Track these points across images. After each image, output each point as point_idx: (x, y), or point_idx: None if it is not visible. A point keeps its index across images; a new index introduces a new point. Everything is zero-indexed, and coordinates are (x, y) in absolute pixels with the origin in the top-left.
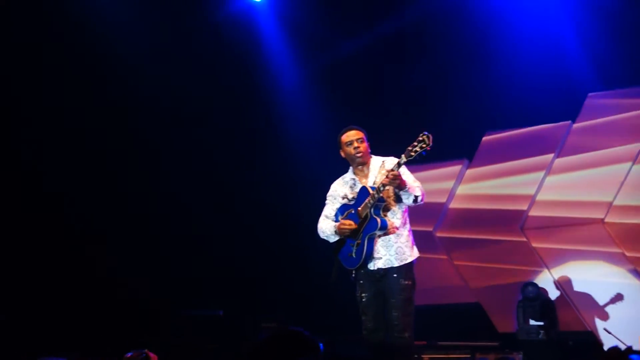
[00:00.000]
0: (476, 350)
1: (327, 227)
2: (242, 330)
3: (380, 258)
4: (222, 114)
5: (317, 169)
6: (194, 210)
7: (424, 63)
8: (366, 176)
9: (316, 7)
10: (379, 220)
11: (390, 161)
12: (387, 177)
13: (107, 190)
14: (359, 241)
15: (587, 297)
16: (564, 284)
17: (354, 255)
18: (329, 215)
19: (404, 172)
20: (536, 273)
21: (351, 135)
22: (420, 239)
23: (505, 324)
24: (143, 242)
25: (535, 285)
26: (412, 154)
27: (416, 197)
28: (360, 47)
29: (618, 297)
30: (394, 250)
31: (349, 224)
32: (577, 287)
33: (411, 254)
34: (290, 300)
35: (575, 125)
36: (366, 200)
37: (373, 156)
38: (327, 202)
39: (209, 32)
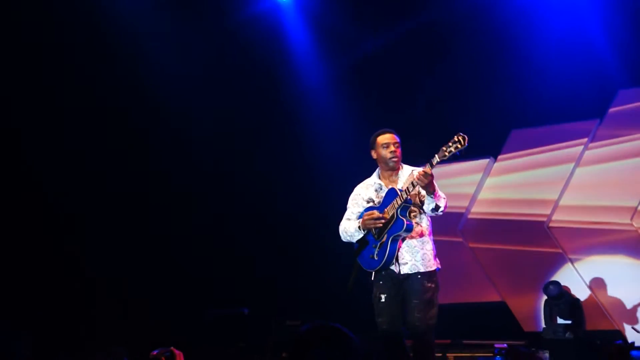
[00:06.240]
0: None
1: (350, 225)
2: (267, 329)
3: (406, 263)
4: (247, 114)
5: (340, 171)
6: (219, 212)
7: (450, 60)
8: (393, 183)
9: (343, 5)
10: (405, 221)
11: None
12: (418, 175)
13: (131, 192)
14: (382, 241)
15: (613, 295)
16: (591, 282)
17: (375, 257)
18: (350, 217)
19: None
20: (562, 270)
21: (389, 138)
22: (445, 235)
23: (531, 322)
24: (168, 244)
25: (557, 283)
26: (447, 154)
27: (438, 206)
28: (387, 45)
29: None
30: (419, 256)
31: (376, 217)
32: (603, 283)
33: (435, 262)
34: (313, 299)
35: (603, 122)
36: (394, 201)
37: (403, 164)
38: (349, 205)
39: (235, 32)
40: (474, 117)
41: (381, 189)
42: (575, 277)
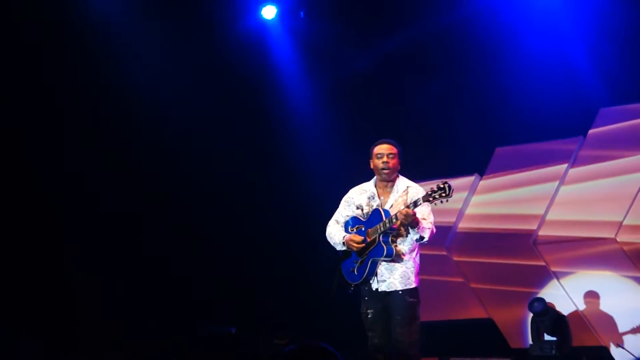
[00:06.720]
0: None
1: (336, 234)
2: (254, 347)
3: (384, 281)
4: (234, 131)
5: (327, 188)
6: (206, 229)
7: (435, 79)
8: (387, 194)
9: (328, 24)
10: (385, 248)
11: (415, 190)
12: (400, 214)
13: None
14: (362, 260)
15: (599, 311)
16: (576, 297)
17: (355, 272)
18: (339, 220)
19: (422, 204)
20: (548, 285)
21: (383, 149)
22: (432, 249)
23: (518, 339)
24: (156, 262)
25: (542, 300)
26: (430, 199)
27: (422, 237)
28: (371, 63)
29: (631, 310)
30: (398, 274)
31: (358, 241)
32: (589, 299)
33: (415, 280)
34: (299, 315)
35: (586, 140)
36: (377, 225)
37: (401, 177)
38: (340, 205)
39: (221, 50)
40: (459, 134)
41: (373, 198)
42: (560, 293)
